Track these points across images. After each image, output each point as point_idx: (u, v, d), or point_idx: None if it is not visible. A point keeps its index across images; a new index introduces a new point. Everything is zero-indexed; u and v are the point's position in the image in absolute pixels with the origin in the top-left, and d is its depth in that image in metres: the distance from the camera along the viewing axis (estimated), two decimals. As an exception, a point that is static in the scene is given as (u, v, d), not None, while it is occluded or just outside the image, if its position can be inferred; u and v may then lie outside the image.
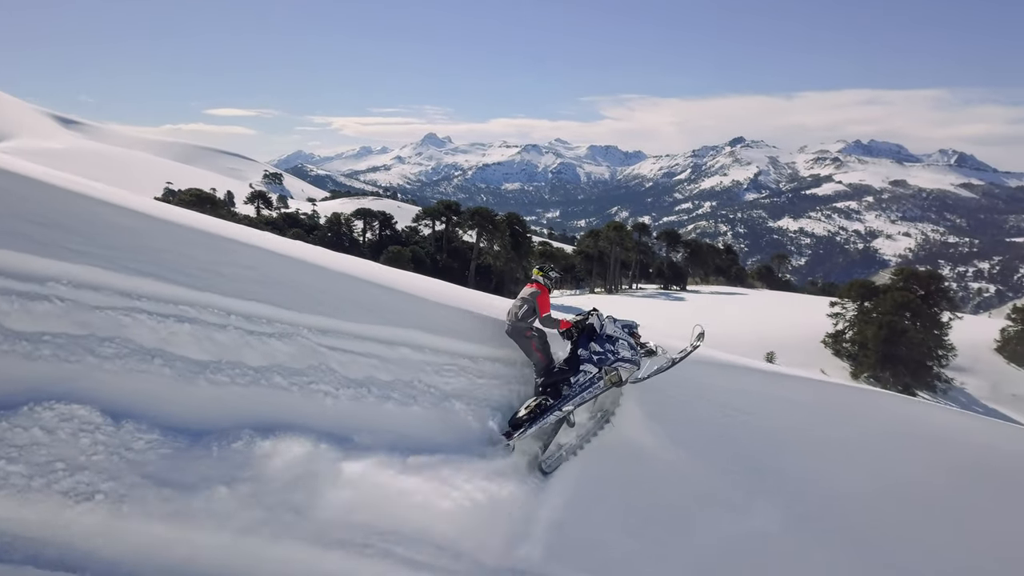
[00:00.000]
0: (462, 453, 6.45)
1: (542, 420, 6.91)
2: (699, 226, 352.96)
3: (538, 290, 7.49)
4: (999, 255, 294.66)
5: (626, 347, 7.30)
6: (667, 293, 78.38)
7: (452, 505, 5.89)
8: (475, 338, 7.51)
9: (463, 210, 77.23)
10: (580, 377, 7.09)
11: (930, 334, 49.16)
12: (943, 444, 10.07)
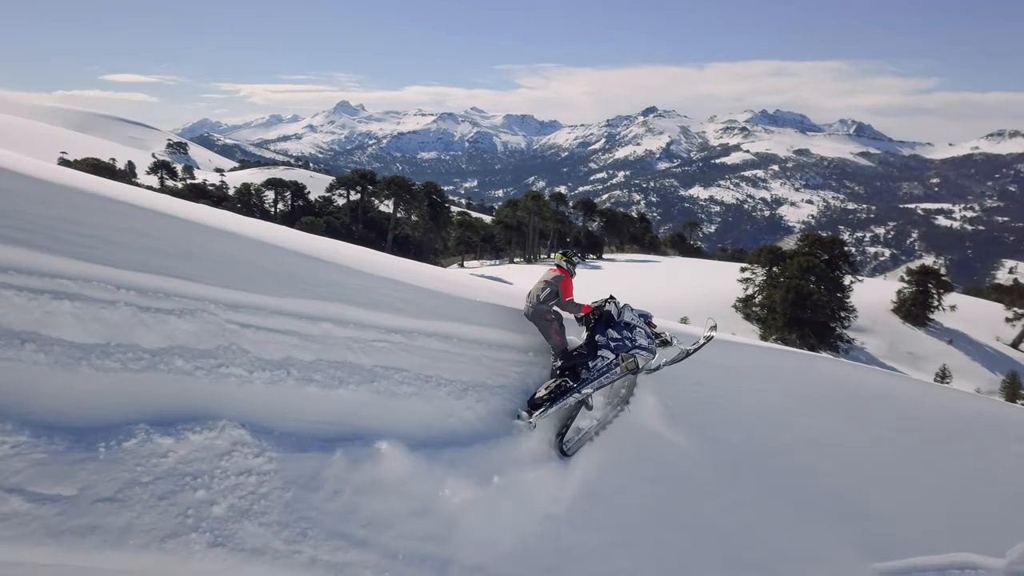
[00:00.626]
0: (394, 438, 5.84)
1: (562, 401, 7.02)
2: (614, 195, 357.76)
3: (562, 274, 7.56)
4: (893, 220, 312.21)
5: (643, 335, 7.39)
6: (584, 262, 78.95)
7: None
8: (410, 312, 6.82)
9: (379, 179, 75.43)
10: (598, 362, 7.18)
11: (833, 296, 51.13)
12: (872, 404, 10.21)
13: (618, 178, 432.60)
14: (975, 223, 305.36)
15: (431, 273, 8.52)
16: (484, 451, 6.36)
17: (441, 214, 75.90)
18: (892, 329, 55.19)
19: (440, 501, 5.75)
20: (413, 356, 6.55)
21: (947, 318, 56.26)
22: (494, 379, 7.01)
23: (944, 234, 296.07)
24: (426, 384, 6.46)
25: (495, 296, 8.00)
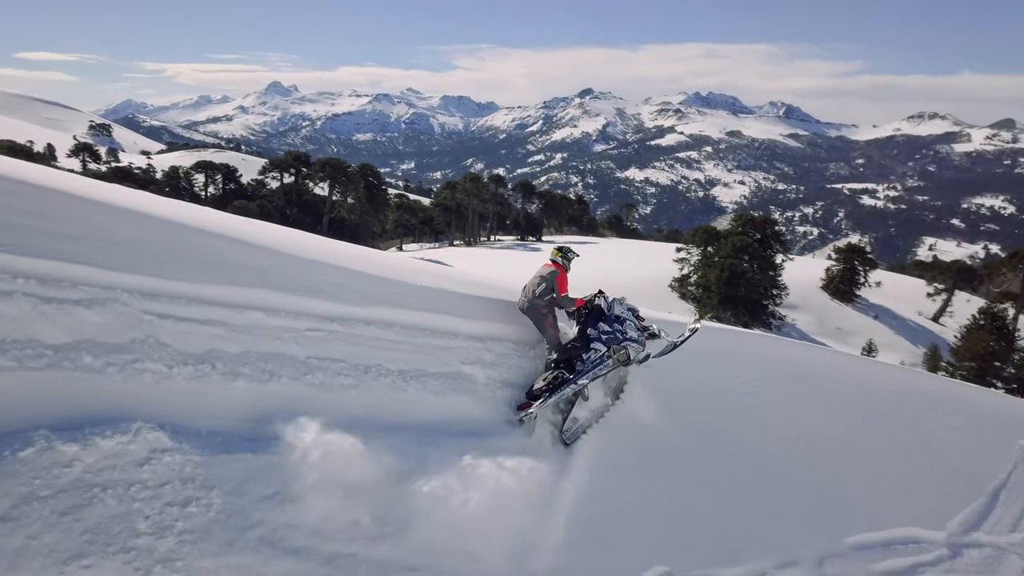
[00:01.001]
0: (334, 433, 5.44)
1: (560, 392, 7.17)
2: (551, 177, 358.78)
3: (557, 270, 7.76)
4: (821, 200, 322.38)
5: (633, 328, 7.65)
6: (524, 244, 78.91)
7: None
8: (347, 298, 6.35)
9: (313, 161, 73.54)
10: (591, 354, 7.34)
11: (766, 275, 52.15)
12: (813, 381, 10.31)
13: (556, 160, 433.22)
14: (897, 202, 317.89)
15: (370, 257, 8.12)
16: (433, 443, 6.02)
17: (378, 196, 74.48)
18: (821, 306, 56.66)
19: (394, 502, 5.37)
20: (351, 345, 6.14)
21: (873, 294, 58.07)
22: (438, 367, 6.68)
23: (869, 213, 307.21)
24: (365, 375, 6.07)
25: (439, 280, 7.67)
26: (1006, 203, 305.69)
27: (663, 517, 6.81)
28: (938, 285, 59.86)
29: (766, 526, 7.40)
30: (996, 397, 16.12)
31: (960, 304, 57.78)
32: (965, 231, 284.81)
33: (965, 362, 43.09)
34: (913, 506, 9.06)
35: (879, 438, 10.21)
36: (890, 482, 9.36)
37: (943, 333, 54.10)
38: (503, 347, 7.45)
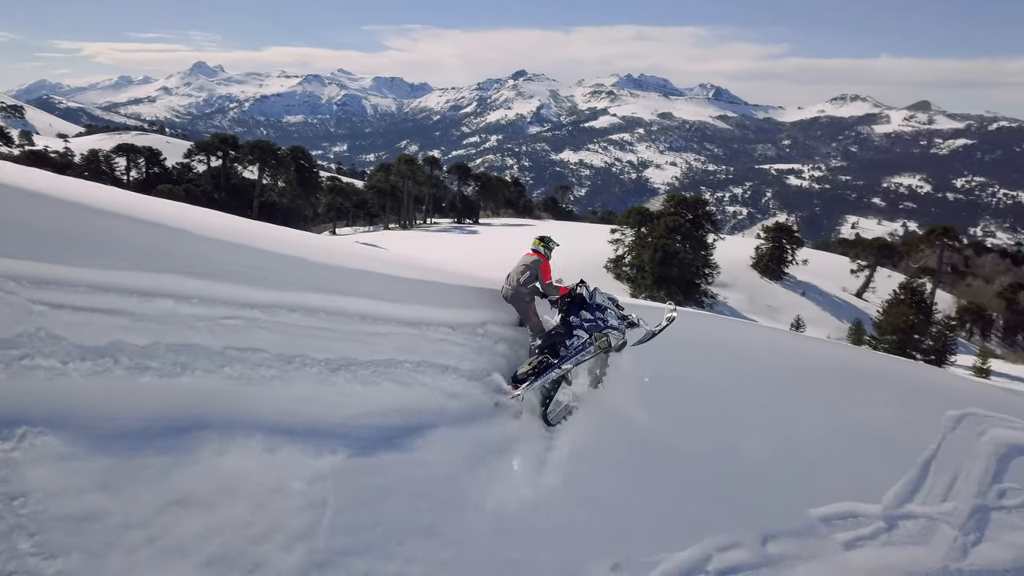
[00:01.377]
0: (254, 430, 5.02)
1: (545, 376, 7.32)
2: (487, 160, 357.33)
3: (539, 259, 7.98)
4: (750, 181, 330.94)
5: (613, 316, 7.93)
6: (461, 227, 78.47)
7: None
8: (269, 283, 5.87)
9: (242, 144, 71.15)
10: (574, 341, 7.50)
11: (698, 254, 53.05)
12: (748, 357, 10.34)
13: (491, 142, 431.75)
14: (822, 182, 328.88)
15: (294, 239, 7.66)
16: (361, 438, 5.65)
17: (310, 179, 72.71)
18: (752, 284, 58.02)
19: (315, 505, 4.98)
20: (273, 334, 5.67)
21: (800, 272, 59.77)
22: (369, 355, 6.29)
23: (795, 193, 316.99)
24: (289, 366, 5.61)
25: (369, 262, 7.29)
26: (923, 182, 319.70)
27: (609, 506, 6.64)
28: (861, 262, 62.08)
29: (708, 509, 7.31)
30: (924, 370, 16.57)
31: (882, 280, 60.12)
32: (885, 209, 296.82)
33: (887, 335, 44.65)
34: (850, 480, 9.15)
35: (815, 414, 10.32)
36: (827, 457, 9.43)
37: (866, 308, 56.13)
38: (440, 332, 7.11)
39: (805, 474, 8.87)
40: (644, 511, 6.86)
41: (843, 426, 10.13)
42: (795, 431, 9.68)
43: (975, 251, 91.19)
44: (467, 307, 7.56)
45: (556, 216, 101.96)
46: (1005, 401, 14.45)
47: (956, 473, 10.60)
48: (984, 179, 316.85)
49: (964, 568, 8.51)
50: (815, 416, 10.29)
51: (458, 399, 6.75)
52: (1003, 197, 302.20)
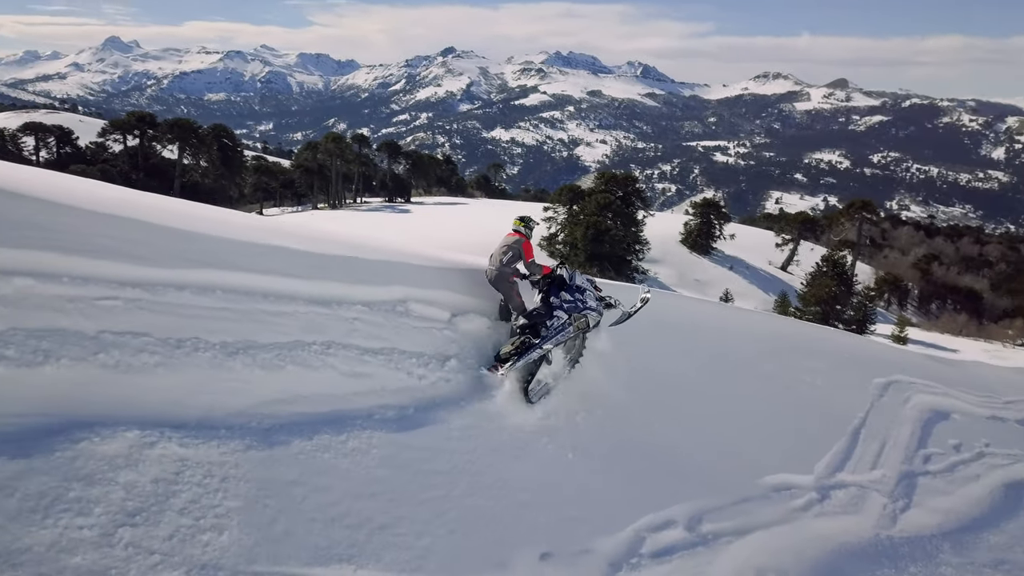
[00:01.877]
0: (134, 425, 4.39)
1: (527, 355, 7.47)
2: (418, 137, 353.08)
3: (521, 238, 8.09)
4: (678, 158, 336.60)
5: (592, 298, 8.11)
6: (392, 206, 77.15)
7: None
8: (152, 259, 5.21)
9: (160, 122, 67.74)
10: (554, 322, 7.66)
11: (628, 231, 53.40)
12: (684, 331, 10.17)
13: (421, 120, 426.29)
14: (747, 159, 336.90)
15: (187, 211, 6.94)
16: (262, 429, 5.06)
17: (233, 159, 69.87)
18: (681, 259, 58.84)
19: (210, 505, 4.40)
20: (159, 315, 5.03)
21: (727, 246, 60.93)
22: (272, 337, 5.68)
23: (721, 169, 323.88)
24: (177, 351, 4.97)
25: (274, 236, 6.67)
26: (842, 158, 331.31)
27: (539, 489, 6.28)
28: (785, 236, 63.73)
29: (639, 488, 7.06)
30: (850, 339, 16.83)
31: (805, 253, 61.84)
32: (807, 185, 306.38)
33: (811, 307, 45.85)
34: (784, 452, 9.13)
35: (749, 386, 10.27)
36: (762, 429, 9.40)
37: (791, 281, 57.65)
38: (353, 311, 6.55)
39: (741, 447, 8.77)
40: (573, 495, 6.53)
41: (777, 397, 10.13)
42: (731, 404, 9.59)
43: (891, 224, 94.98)
44: (385, 283, 7.01)
45: (489, 194, 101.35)
46: (926, 367, 14.84)
47: (884, 440, 10.74)
48: (899, 155, 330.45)
49: (894, 535, 8.54)
50: (750, 388, 10.24)
51: (372, 382, 6.19)
52: (916, 172, 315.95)
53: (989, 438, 12.37)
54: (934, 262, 70.57)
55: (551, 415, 7.29)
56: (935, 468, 10.59)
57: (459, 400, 6.72)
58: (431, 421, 6.20)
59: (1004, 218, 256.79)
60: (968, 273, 73.01)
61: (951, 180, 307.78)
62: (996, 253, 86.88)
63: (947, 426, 12.15)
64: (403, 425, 5.93)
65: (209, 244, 5.69)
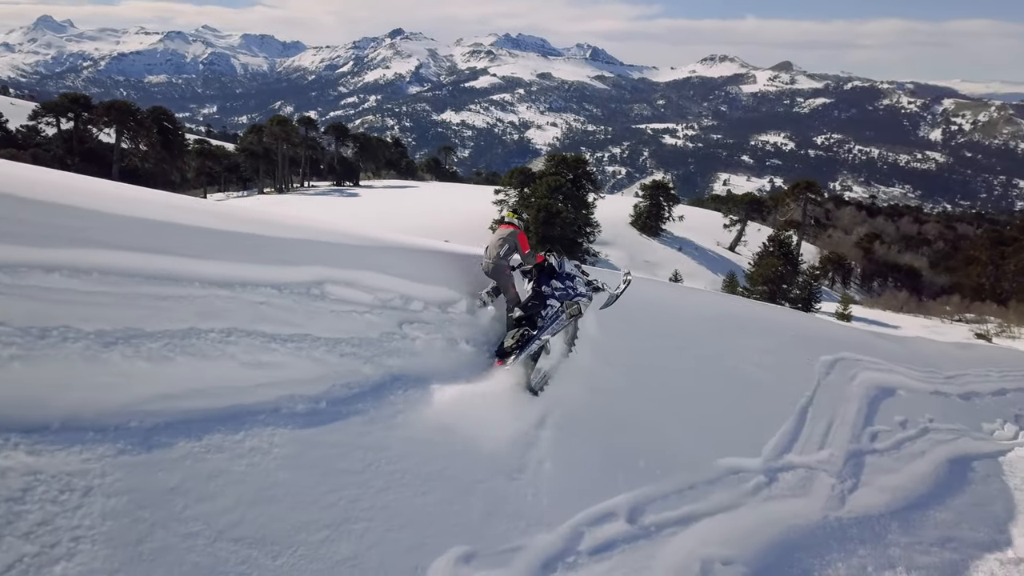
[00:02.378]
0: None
1: (528, 348, 7.51)
2: (367, 120, 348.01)
3: (516, 230, 8.04)
4: (627, 141, 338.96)
5: (582, 284, 8.15)
6: (341, 189, 75.80)
7: None
8: (13, 237, 4.53)
9: (96, 104, 64.80)
10: (548, 311, 7.70)
11: (579, 214, 53.33)
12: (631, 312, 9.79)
13: (370, 102, 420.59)
14: (695, 141, 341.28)
15: (60, 182, 6.11)
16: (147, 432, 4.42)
17: (174, 142, 67.21)
18: (631, 241, 59.09)
19: (71, 519, 3.76)
20: (19, 301, 4.29)
21: (677, 228, 61.36)
22: (160, 324, 4.93)
23: (670, 152, 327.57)
24: (41, 341, 4.24)
25: (168, 211, 5.93)
26: (787, 140, 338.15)
27: (458, 485, 5.77)
28: (732, 217, 64.45)
29: (577, 478, 6.59)
30: (797, 316, 16.67)
31: (752, 233, 62.63)
32: (753, 166, 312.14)
33: (758, 286, 46.36)
34: (730, 434, 8.88)
35: (698, 366, 9.96)
36: (710, 411, 9.13)
37: (739, 261, 58.34)
38: (261, 294, 5.82)
39: (687, 432, 8.42)
40: (513, 487, 6.06)
41: (723, 377, 9.82)
42: (679, 384, 9.26)
43: (835, 204, 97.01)
44: (299, 263, 6.34)
45: (439, 177, 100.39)
46: (871, 344, 14.81)
47: (832, 419, 10.59)
48: (841, 136, 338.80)
49: (843, 516, 8.37)
50: (698, 368, 9.91)
51: (279, 372, 5.52)
52: (858, 153, 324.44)
53: (933, 413, 12.37)
54: (876, 241, 72.16)
55: (480, 402, 6.75)
56: (882, 446, 10.51)
57: (380, 390, 6.08)
58: (346, 414, 5.56)
59: (941, 197, 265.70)
60: (908, 251, 74.88)
61: (891, 161, 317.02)
62: (934, 232, 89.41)
63: (893, 403, 12.09)
64: (313, 420, 5.27)
65: (88, 220, 4.94)
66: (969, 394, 14.76)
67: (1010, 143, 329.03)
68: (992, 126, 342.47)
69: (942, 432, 11.80)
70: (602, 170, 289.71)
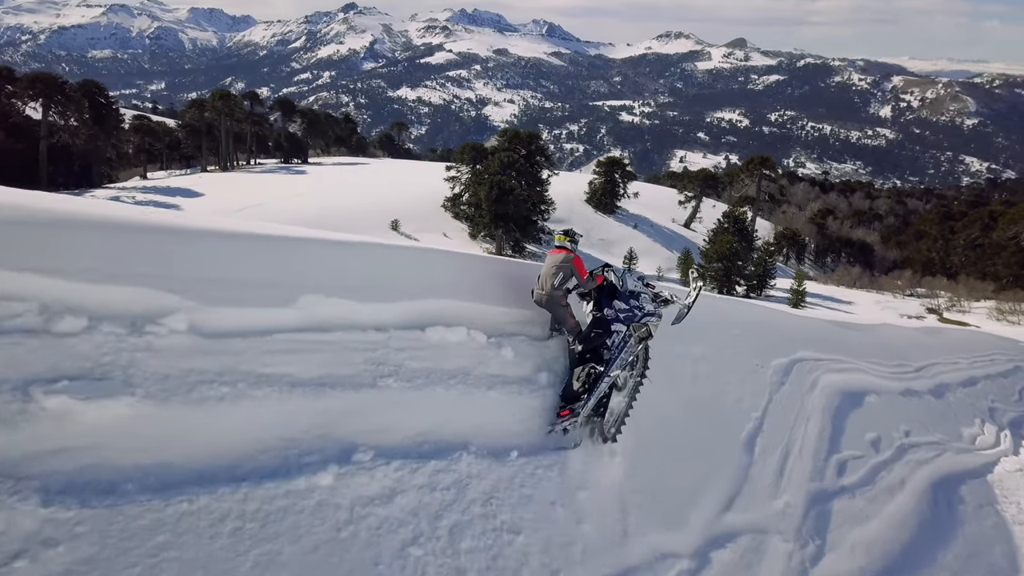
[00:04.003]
0: None
1: (597, 388, 6.48)
2: (321, 97, 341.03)
3: (570, 255, 7.18)
4: (585, 118, 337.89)
5: (648, 300, 7.16)
6: (288, 167, 73.41)
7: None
8: None
9: (19, 77, 60.85)
10: (614, 338, 6.75)
11: (534, 191, 52.16)
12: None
13: (324, 79, 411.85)
14: (652, 118, 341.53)
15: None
16: None
17: (108, 117, 63.55)
18: (586, 218, 58.20)
19: None
20: None
21: (632, 205, 60.67)
22: None
23: (627, 129, 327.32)
24: None
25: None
26: (742, 116, 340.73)
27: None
28: (688, 193, 63.94)
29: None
30: (744, 309, 14.17)
31: (708, 210, 62.13)
32: (709, 143, 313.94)
33: (713, 263, 45.86)
34: (648, 493, 6.61)
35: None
36: (614, 462, 6.80)
37: (694, 238, 57.89)
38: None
39: (587, 503, 6.11)
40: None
41: (640, 406, 7.04)
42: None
43: (789, 181, 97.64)
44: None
45: (392, 154, 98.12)
46: (833, 337, 13.37)
47: (787, 448, 8.62)
48: (794, 113, 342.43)
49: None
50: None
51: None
52: (810, 130, 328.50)
53: (908, 423, 11.06)
54: (829, 216, 72.39)
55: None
56: (852, 480, 8.82)
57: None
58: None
59: (891, 173, 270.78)
60: (860, 227, 75.50)
61: (843, 137, 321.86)
62: (885, 207, 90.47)
63: (861, 414, 10.51)
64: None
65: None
66: (941, 388, 13.73)
67: (956, 120, 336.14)
68: (939, 103, 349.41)
69: (921, 448, 10.46)
70: (560, 147, 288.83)
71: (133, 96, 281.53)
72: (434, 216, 52.34)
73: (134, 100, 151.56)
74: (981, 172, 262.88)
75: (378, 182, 59.79)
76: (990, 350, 18.46)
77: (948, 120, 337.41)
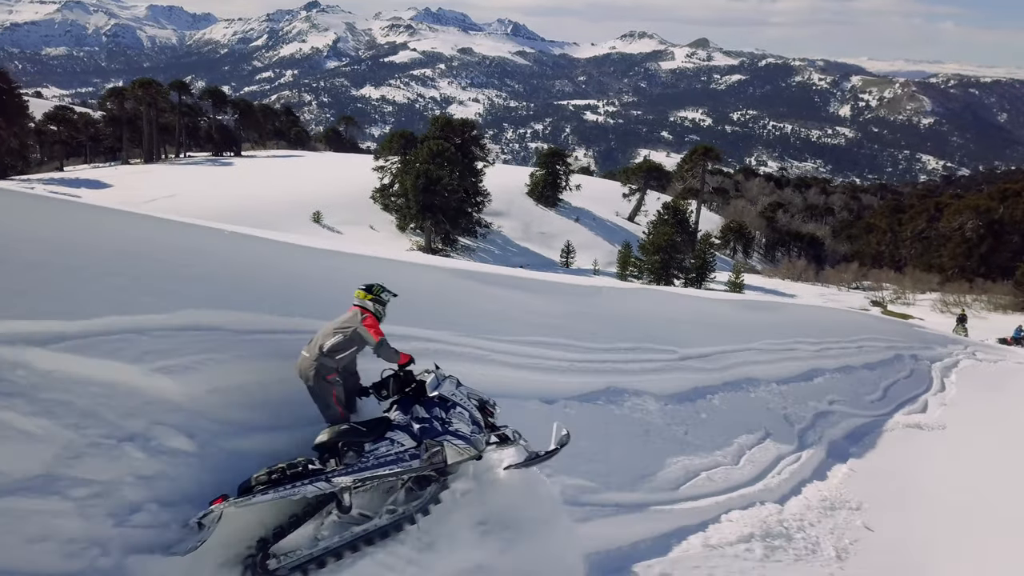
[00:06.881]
0: None
1: (291, 488, 4.18)
2: (283, 96, 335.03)
3: (363, 314, 5.22)
4: (550, 117, 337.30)
5: (465, 420, 5.22)
6: (216, 160, 70.58)
7: None
8: None
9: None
10: (382, 447, 4.74)
11: (467, 181, 50.15)
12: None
13: (286, 77, 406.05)
14: (616, 117, 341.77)
15: None
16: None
17: (9, 104, 59.69)
18: (526, 211, 56.52)
19: None
20: None
21: (575, 197, 58.93)
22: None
23: (591, 128, 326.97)
24: None
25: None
26: (705, 115, 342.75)
27: None
28: (631, 186, 62.29)
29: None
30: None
31: (652, 203, 60.31)
32: (673, 142, 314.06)
33: (652, 256, 44.21)
34: None
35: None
36: None
37: (637, 231, 56.08)
38: None
39: None
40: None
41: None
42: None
43: (744, 176, 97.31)
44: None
45: (338, 148, 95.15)
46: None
47: None
48: (756, 112, 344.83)
49: None
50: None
51: None
52: (772, 129, 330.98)
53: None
54: (779, 210, 71.28)
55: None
56: None
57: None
58: None
59: (850, 171, 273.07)
60: (812, 221, 74.79)
61: (803, 136, 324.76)
62: (839, 202, 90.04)
63: None
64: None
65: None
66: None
67: (913, 119, 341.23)
68: (897, 102, 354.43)
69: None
70: (525, 147, 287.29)
71: (90, 95, 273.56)
72: (362, 208, 49.98)
73: (91, 100, 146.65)
74: (937, 170, 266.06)
75: (308, 175, 57.23)
76: (865, 333, 15.93)
77: (905, 119, 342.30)
